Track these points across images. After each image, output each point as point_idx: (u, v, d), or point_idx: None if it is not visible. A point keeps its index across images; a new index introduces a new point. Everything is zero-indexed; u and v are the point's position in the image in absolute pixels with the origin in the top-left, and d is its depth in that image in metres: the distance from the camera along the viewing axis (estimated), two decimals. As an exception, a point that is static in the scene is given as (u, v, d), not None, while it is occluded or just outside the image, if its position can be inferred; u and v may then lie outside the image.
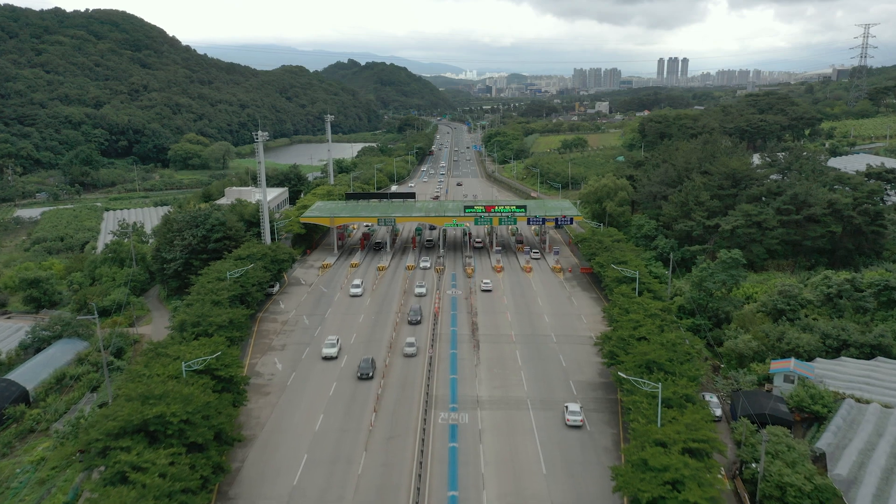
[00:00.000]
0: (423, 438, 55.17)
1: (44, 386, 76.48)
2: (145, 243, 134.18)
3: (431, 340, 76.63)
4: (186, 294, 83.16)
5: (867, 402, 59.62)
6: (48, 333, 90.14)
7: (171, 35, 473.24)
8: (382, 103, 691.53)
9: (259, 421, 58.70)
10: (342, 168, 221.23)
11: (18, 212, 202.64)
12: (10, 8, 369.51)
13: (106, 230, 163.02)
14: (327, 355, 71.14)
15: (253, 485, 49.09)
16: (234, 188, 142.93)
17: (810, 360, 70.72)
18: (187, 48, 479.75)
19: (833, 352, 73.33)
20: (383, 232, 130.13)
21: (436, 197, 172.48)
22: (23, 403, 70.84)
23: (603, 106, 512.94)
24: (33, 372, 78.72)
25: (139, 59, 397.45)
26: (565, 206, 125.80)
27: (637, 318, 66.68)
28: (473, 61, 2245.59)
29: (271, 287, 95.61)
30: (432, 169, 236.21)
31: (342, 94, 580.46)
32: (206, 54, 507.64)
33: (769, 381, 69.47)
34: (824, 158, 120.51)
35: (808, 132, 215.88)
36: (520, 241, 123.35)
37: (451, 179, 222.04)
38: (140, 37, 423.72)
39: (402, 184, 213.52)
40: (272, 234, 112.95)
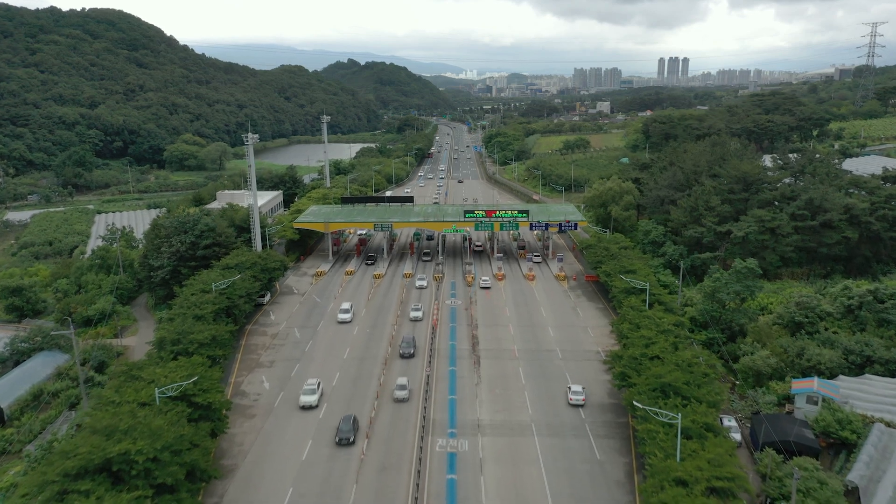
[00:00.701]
0: (419, 469, 50.73)
1: (20, 403, 72.24)
2: (135, 248, 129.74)
3: (429, 357, 72.15)
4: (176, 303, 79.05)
5: (900, 428, 55.18)
6: (27, 345, 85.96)
7: (169, 34, 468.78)
8: (382, 103, 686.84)
9: (242, 448, 54.24)
10: (340, 170, 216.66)
11: (9, 214, 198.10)
12: (5, 7, 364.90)
13: (96, 234, 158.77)
14: (305, 404, 60.10)
15: (231, 525, 44.73)
16: (226, 191, 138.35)
17: (832, 378, 66.27)
18: (185, 48, 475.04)
19: (856, 368, 68.80)
20: (380, 238, 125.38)
21: (435, 202, 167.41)
22: (-4, 422, 66.63)
23: (604, 106, 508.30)
24: (9, 388, 74.46)
25: (135, 59, 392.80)
26: (569, 211, 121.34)
27: (649, 335, 62.28)
28: (473, 61, 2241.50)
29: (262, 297, 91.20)
30: (430, 173, 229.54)
31: (341, 94, 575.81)
32: (205, 54, 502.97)
33: (789, 401, 65.15)
34: (838, 161, 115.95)
35: (817, 133, 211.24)
36: (522, 247, 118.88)
37: (451, 181, 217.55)
38: (137, 36, 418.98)
39: (401, 185, 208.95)
40: (264, 241, 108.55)
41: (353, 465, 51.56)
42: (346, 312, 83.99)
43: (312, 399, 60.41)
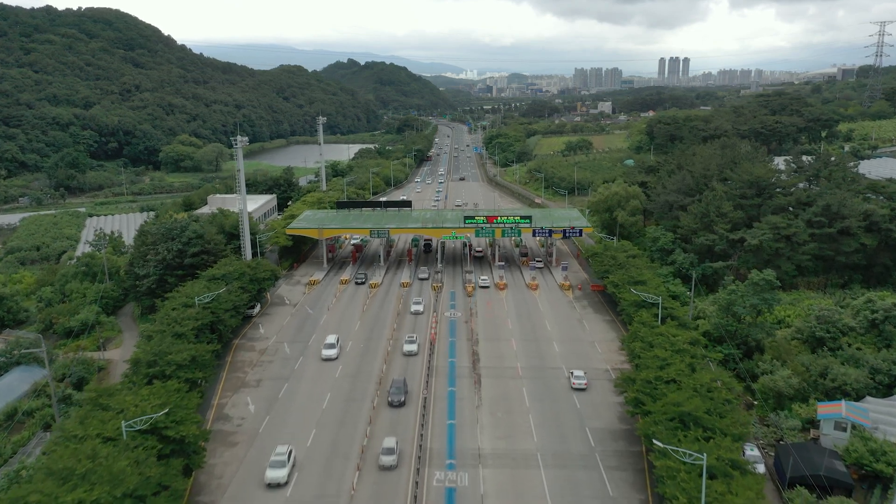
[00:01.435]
0: (415, 509, 46.07)
1: (-9, 423, 67.68)
2: (124, 254, 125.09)
3: (426, 377, 67.51)
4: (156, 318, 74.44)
5: (939, 460, 50.54)
6: (4, 360, 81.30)
7: (167, 34, 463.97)
8: (382, 103, 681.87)
9: (221, 482, 49.60)
10: (337, 171, 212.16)
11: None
12: (0, 6, 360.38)
13: (86, 238, 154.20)
14: (272, 481, 48.13)
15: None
16: (218, 196, 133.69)
17: (859, 400, 61.68)
18: (182, 47, 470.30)
19: (884, 389, 64.24)
20: (376, 244, 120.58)
21: (434, 206, 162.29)
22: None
23: (606, 106, 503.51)
24: (-19, 406, 69.94)
25: (132, 59, 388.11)
26: (573, 216, 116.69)
27: (663, 355, 57.68)
28: (473, 61, 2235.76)
29: (251, 308, 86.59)
30: (429, 178, 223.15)
31: (341, 94, 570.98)
32: (203, 53, 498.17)
33: (813, 425, 60.59)
34: (853, 164, 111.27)
35: (825, 134, 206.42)
36: (524, 254, 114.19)
37: (451, 184, 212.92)
38: (133, 36, 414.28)
39: (400, 187, 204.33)
40: (256, 248, 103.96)
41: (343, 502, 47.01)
42: (332, 348, 72.31)
43: (281, 475, 48.21)
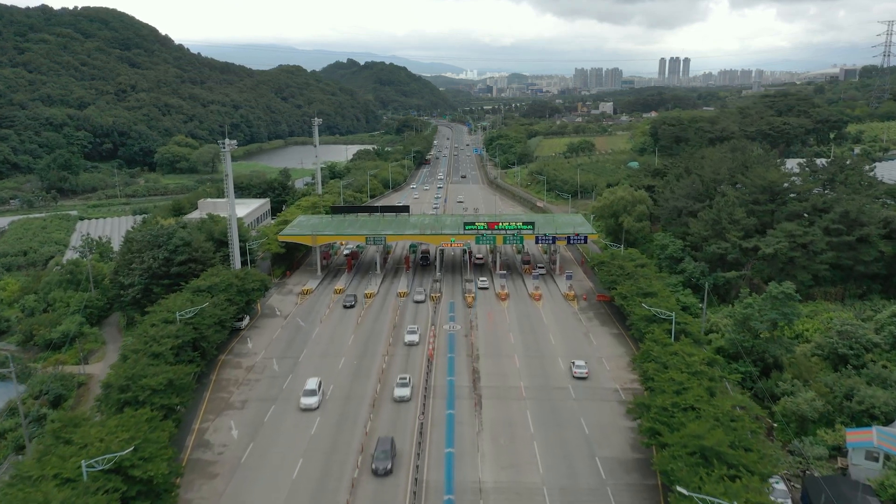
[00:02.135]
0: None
1: (-38, 445, 63.44)
2: (112, 261, 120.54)
3: (423, 397, 63.09)
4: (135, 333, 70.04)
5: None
6: (-25, 376, 76.87)
7: (164, 34, 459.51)
8: (381, 103, 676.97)
9: (197, 522, 45.23)
10: (335, 173, 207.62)
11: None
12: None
13: (76, 243, 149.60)
14: None
15: None
16: (209, 200, 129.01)
17: (889, 424, 57.25)
18: (180, 47, 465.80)
19: (915, 412, 59.81)
20: (372, 251, 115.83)
21: (434, 210, 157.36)
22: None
23: (607, 106, 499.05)
24: (-49, 427, 65.66)
25: (128, 59, 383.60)
26: (577, 222, 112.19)
27: (679, 379, 53.14)
28: (473, 61, 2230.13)
29: (239, 321, 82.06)
30: (427, 183, 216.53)
31: (340, 95, 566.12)
32: (200, 53, 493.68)
33: (840, 452, 56.23)
34: (870, 168, 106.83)
35: (834, 136, 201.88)
36: (526, 262, 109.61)
37: (451, 186, 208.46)
38: (130, 35, 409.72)
39: (398, 190, 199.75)
40: (246, 256, 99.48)
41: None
42: (312, 395, 60.97)
43: None
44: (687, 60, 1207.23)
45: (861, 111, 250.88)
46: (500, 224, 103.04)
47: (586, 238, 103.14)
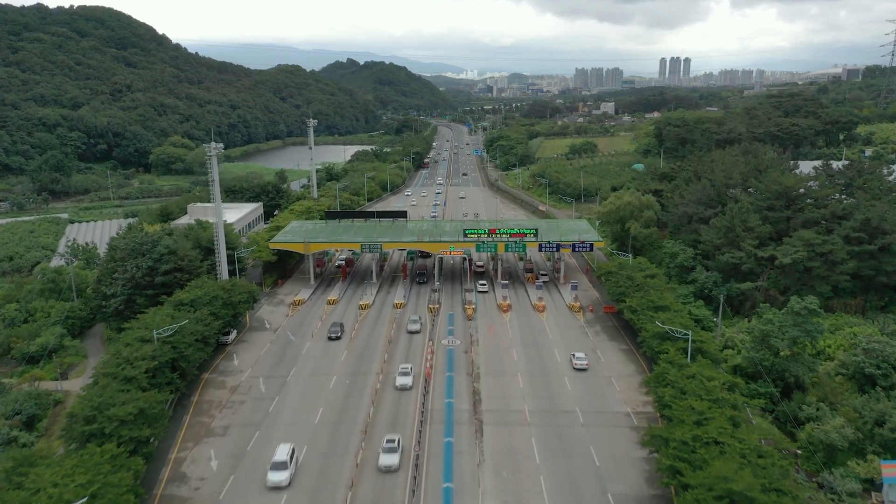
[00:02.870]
0: None
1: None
2: (98, 268, 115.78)
3: (420, 423, 58.38)
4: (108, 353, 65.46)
5: None
6: (-56, 395, 72.23)
7: (161, 33, 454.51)
8: (381, 103, 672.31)
9: (165, 574, 40.54)
10: (332, 175, 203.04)
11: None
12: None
13: (63, 248, 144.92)
14: None
15: None
16: (199, 205, 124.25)
17: (924, 454, 52.64)
18: (177, 46, 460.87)
19: (952, 440, 55.12)
20: (368, 259, 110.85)
21: (433, 216, 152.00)
22: None
23: (608, 107, 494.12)
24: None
25: (124, 58, 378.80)
26: (583, 228, 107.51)
27: (699, 407, 48.50)
28: (473, 60, 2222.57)
29: (225, 335, 77.41)
30: (424, 189, 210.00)
31: (339, 95, 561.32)
32: (198, 53, 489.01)
33: (872, 486, 51.60)
34: (889, 172, 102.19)
35: (843, 137, 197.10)
36: (529, 270, 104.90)
37: (451, 188, 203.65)
38: (126, 34, 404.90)
39: (397, 193, 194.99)
40: (235, 264, 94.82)
41: None
42: (282, 470, 48.43)
43: None
44: (687, 60, 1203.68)
45: (869, 112, 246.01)
46: (502, 230, 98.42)
47: (592, 246, 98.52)
